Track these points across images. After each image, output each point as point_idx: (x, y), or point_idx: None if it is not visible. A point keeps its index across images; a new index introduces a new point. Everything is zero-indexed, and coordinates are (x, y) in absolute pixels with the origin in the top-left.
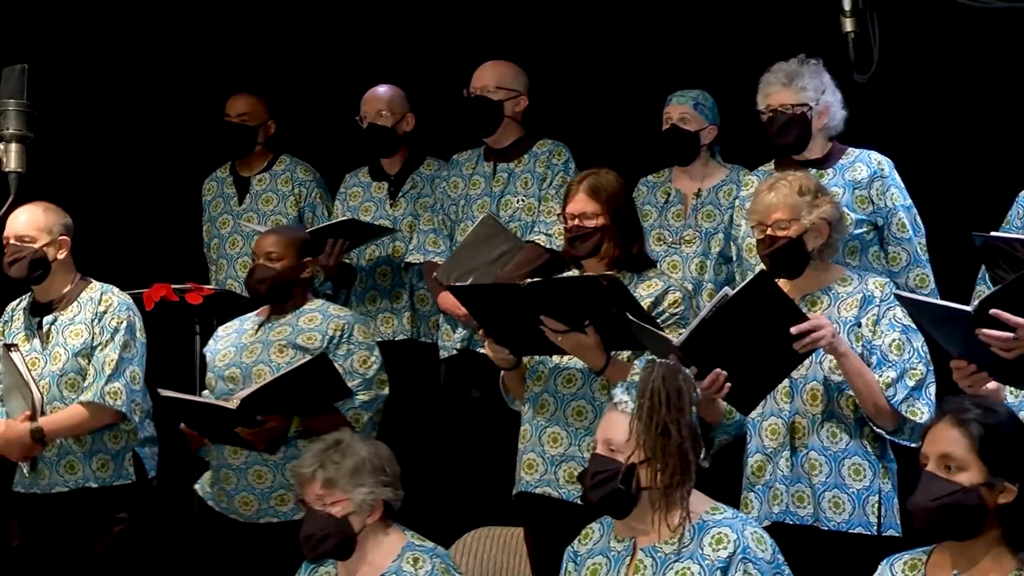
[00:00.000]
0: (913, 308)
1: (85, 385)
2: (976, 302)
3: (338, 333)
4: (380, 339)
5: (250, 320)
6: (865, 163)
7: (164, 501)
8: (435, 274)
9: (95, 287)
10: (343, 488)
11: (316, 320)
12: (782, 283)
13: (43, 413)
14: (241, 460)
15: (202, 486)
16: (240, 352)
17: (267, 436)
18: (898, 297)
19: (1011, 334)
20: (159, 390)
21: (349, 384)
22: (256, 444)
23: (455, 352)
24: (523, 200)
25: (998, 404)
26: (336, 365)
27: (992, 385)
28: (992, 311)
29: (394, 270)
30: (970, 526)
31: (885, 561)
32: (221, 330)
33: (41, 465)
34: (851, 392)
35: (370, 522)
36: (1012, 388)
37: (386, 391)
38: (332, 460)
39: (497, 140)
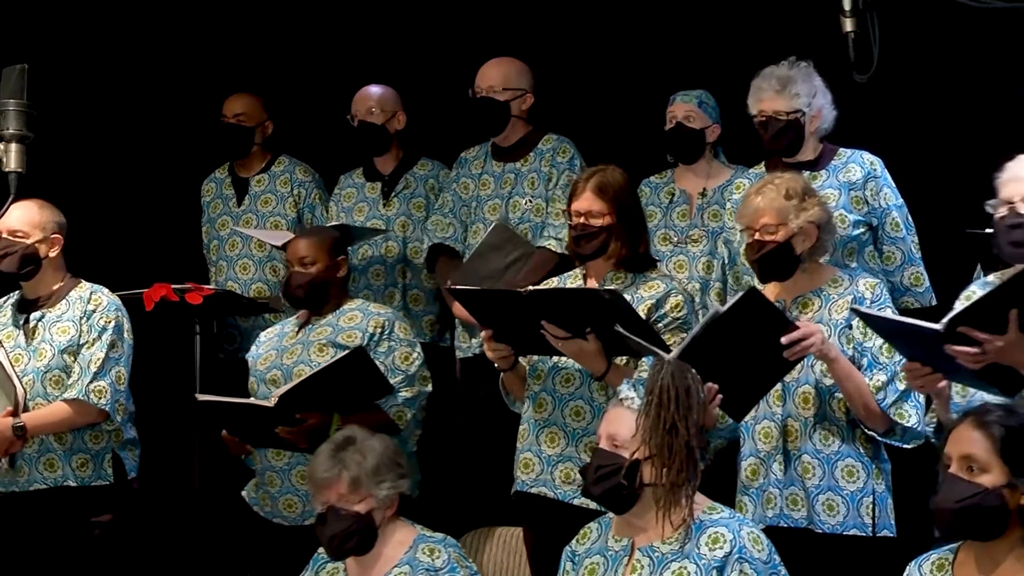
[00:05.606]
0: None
1: (69, 382)
2: (945, 320)
3: (378, 330)
4: None
5: (290, 324)
6: (858, 164)
7: (148, 503)
8: (449, 282)
9: (85, 286)
10: (368, 486)
11: (356, 319)
12: (773, 285)
13: (26, 409)
14: (284, 462)
15: (248, 492)
16: (281, 355)
17: (307, 434)
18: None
19: (978, 348)
20: (196, 395)
21: (391, 381)
22: (297, 443)
23: (472, 355)
24: (531, 201)
25: (1020, 406)
26: (377, 363)
27: (941, 384)
28: (961, 328)
29: (387, 270)
30: (992, 527)
31: (913, 562)
32: (263, 335)
33: (20, 462)
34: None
35: (389, 515)
36: (959, 388)
37: (429, 387)
38: (354, 460)
39: (504, 138)
